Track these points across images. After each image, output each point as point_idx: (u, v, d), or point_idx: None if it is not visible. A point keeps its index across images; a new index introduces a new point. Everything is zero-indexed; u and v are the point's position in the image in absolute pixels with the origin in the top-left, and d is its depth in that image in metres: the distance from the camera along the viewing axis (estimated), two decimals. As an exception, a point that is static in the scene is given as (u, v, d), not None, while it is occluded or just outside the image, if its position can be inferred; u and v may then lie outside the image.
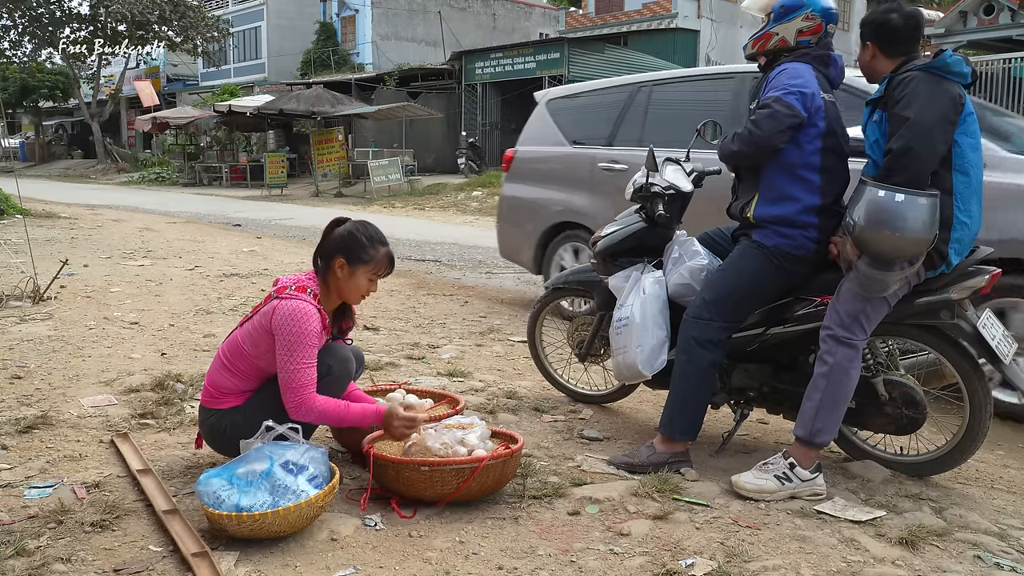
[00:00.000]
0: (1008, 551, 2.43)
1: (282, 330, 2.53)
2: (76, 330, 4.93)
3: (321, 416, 2.58)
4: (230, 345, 2.71)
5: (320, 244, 2.72)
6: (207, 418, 2.73)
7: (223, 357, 2.71)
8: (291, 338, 2.52)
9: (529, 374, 4.29)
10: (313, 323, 2.56)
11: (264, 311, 2.63)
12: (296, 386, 2.53)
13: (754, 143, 2.83)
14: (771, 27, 2.97)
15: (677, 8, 25.50)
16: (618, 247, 3.37)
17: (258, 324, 2.63)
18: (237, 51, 35.50)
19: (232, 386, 2.69)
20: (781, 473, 2.76)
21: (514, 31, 34.69)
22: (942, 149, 2.55)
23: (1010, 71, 14.82)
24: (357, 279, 2.67)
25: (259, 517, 2.25)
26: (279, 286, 2.66)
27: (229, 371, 2.68)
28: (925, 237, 2.47)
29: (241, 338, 2.67)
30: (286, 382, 2.54)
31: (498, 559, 2.31)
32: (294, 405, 2.55)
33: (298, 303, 2.56)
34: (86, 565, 2.19)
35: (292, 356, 2.53)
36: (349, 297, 2.73)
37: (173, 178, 27.34)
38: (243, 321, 2.73)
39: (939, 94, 2.55)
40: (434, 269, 8.42)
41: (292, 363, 2.53)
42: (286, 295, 2.60)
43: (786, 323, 3.00)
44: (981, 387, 2.79)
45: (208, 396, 2.72)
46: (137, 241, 9.87)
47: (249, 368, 2.67)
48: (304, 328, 2.53)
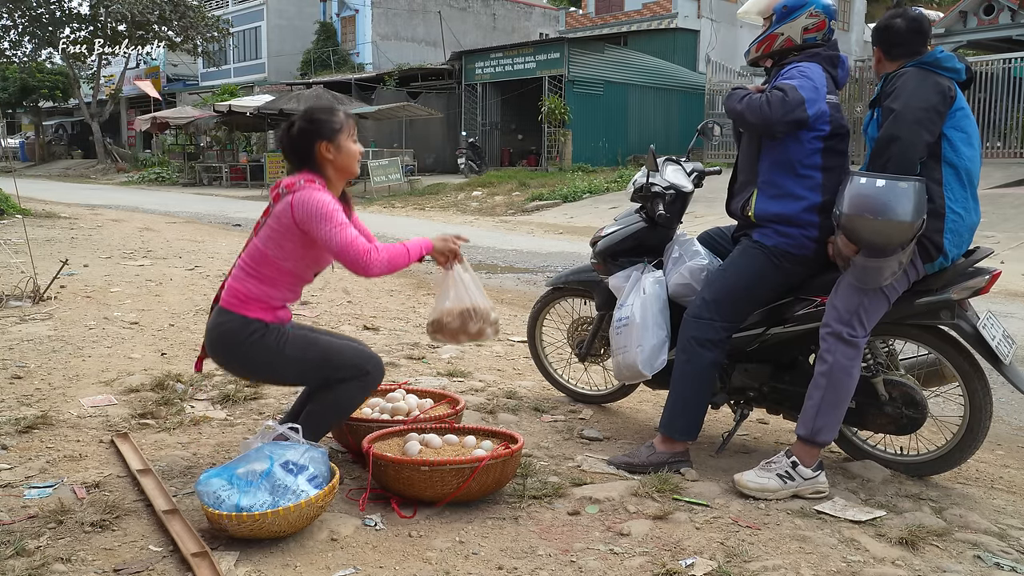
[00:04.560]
0: (1008, 551, 2.43)
1: (310, 216, 2.53)
2: (76, 330, 4.93)
3: (390, 262, 2.58)
4: (251, 254, 2.67)
5: (292, 152, 2.70)
6: (225, 320, 2.65)
7: (246, 266, 2.66)
8: (322, 216, 2.53)
9: (529, 374, 4.29)
10: (333, 201, 2.59)
11: (280, 211, 2.60)
12: (353, 249, 2.52)
13: (760, 117, 2.78)
14: (775, 28, 2.97)
15: (677, 8, 25.51)
16: (618, 247, 3.37)
17: (278, 225, 2.61)
18: (237, 51, 35.49)
19: (259, 292, 2.64)
20: (783, 472, 2.76)
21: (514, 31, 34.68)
22: (928, 139, 2.59)
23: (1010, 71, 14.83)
24: (345, 147, 2.69)
25: (259, 517, 2.25)
26: (287, 182, 2.63)
27: (254, 278, 2.65)
28: (908, 221, 2.49)
29: (261, 244, 2.64)
30: (342, 250, 2.53)
31: (498, 559, 2.31)
32: (363, 263, 2.53)
33: (311, 190, 2.57)
34: (86, 565, 2.19)
35: (331, 227, 2.52)
36: (350, 167, 2.73)
37: (173, 178, 27.33)
38: (256, 229, 2.69)
39: (927, 86, 2.61)
40: (434, 269, 8.39)
41: (336, 233, 2.52)
42: (298, 188, 2.59)
43: (786, 323, 3.00)
44: (981, 387, 2.79)
45: (232, 299, 2.66)
46: (137, 241, 9.87)
47: (275, 272, 2.64)
48: (328, 204, 2.55)
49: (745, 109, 2.82)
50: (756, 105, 2.79)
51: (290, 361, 2.66)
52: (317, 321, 5.49)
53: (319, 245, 2.58)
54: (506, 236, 11.80)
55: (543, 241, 11.23)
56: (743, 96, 2.87)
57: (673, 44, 24.95)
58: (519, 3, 35.95)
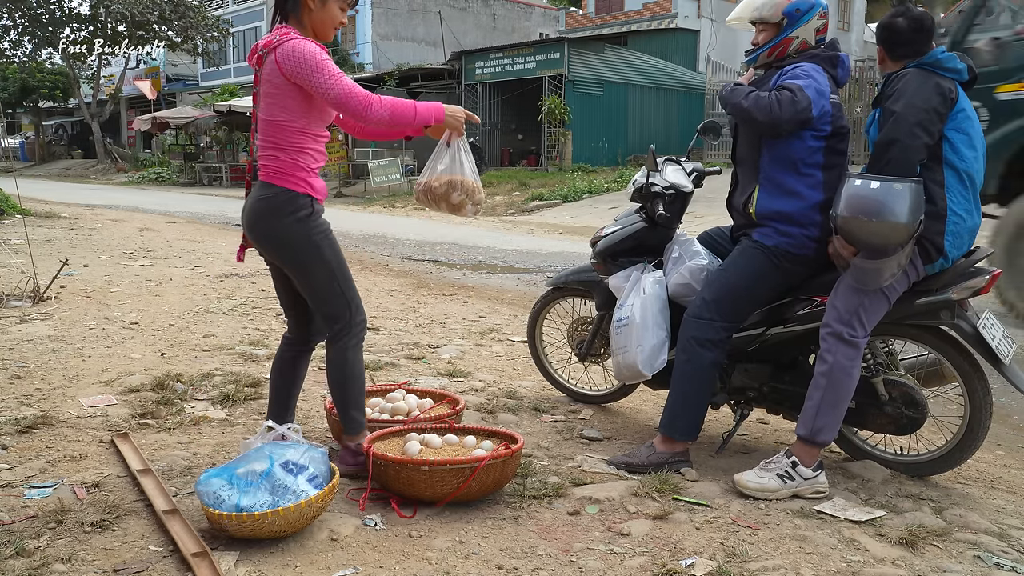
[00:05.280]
0: (1008, 551, 2.43)
1: (300, 67, 2.47)
2: (76, 330, 4.93)
3: (393, 113, 2.52)
4: (262, 129, 2.61)
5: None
6: (272, 193, 2.59)
7: (264, 143, 2.61)
8: (312, 67, 2.46)
9: (529, 374, 4.29)
10: (315, 45, 2.53)
11: (268, 73, 2.54)
12: (352, 98, 2.48)
13: (769, 116, 2.74)
14: (789, 32, 2.92)
15: (677, 8, 25.51)
16: (618, 247, 3.37)
17: (272, 88, 2.55)
18: (237, 51, 35.47)
19: (289, 161, 2.59)
20: (783, 472, 2.76)
21: (514, 31, 34.68)
22: (928, 141, 2.59)
23: (1010, 71, 14.79)
24: (330, 9, 2.62)
25: (259, 517, 2.25)
26: (264, 42, 2.58)
27: (277, 149, 2.59)
28: (904, 223, 2.48)
29: (266, 115, 2.59)
30: (341, 101, 2.48)
31: (498, 559, 2.31)
32: (361, 108, 2.48)
33: (292, 40, 2.51)
34: (86, 565, 2.19)
35: (326, 78, 2.46)
36: (324, 31, 2.65)
37: (173, 178, 27.33)
38: (255, 100, 2.64)
39: (927, 88, 2.60)
40: (434, 269, 8.41)
41: (333, 83, 2.47)
42: (276, 43, 2.52)
43: (786, 323, 3.00)
44: (981, 387, 2.79)
45: (270, 173, 2.61)
46: (137, 241, 9.87)
47: (291, 136, 2.58)
48: (316, 53, 2.49)
49: (753, 107, 2.78)
50: (765, 104, 2.75)
51: (324, 261, 2.64)
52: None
53: (316, 98, 2.53)
54: (506, 236, 11.80)
55: (543, 241, 11.23)
56: (748, 93, 2.83)
57: (673, 44, 24.94)
58: (519, 3, 35.94)
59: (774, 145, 2.90)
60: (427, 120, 2.64)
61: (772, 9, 2.92)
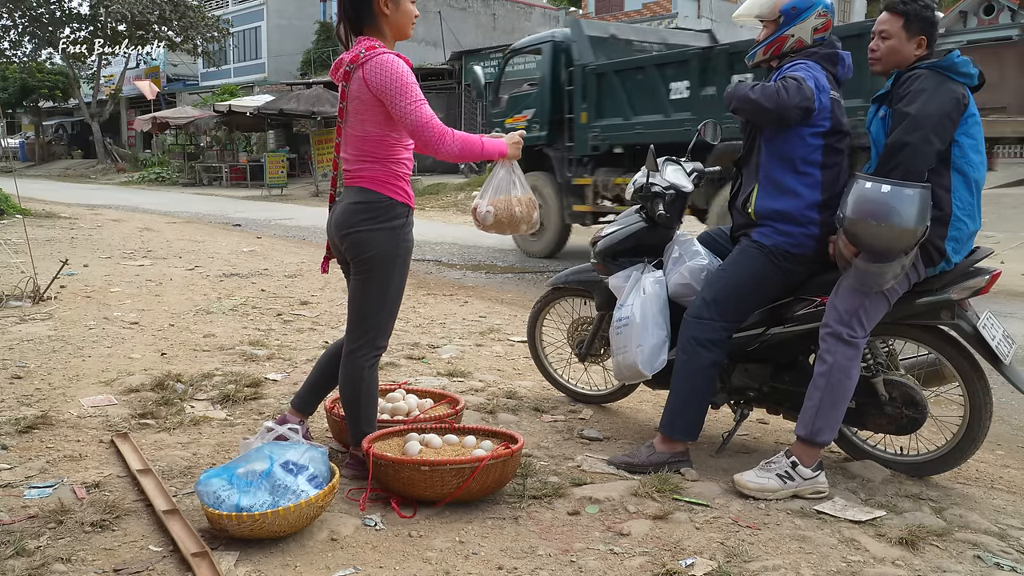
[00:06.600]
0: (1008, 551, 2.43)
1: (386, 86, 2.48)
2: (76, 330, 4.93)
3: (464, 145, 2.56)
4: (353, 145, 2.62)
5: (352, 8, 2.61)
6: (369, 198, 2.60)
7: (363, 158, 2.61)
8: (398, 89, 2.48)
9: (529, 374, 4.29)
10: (404, 64, 2.54)
11: (356, 90, 2.54)
12: (429, 129, 2.50)
13: (777, 102, 2.75)
14: (785, 30, 2.93)
15: (677, 8, 25.55)
16: (618, 247, 3.37)
17: (360, 104, 2.55)
18: (237, 51, 35.48)
19: (384, 171, 2.61)
20: (783, 472, 2.76)
21: (514, 31, 34.62)
22: (939, 146, 2.57)
23: (1010, 71, 14.81)
24: (404, 8, 2.63)
25: (259, 517, 2.25)
26: (350, 56, 2.57)
27: (378, 161, 2.60)
28: (912, 228, 2.47)
29: (357, 131, 2.60)
30: (415, 123, 2.49)
31: (498, 559, 2.31)
32: (435, 141, 2.51)
33: (380, 55, 2.51)
34: (86, 565, 2.19)
35: (408, 103, 2.48)
36: (404, 31, 2.67)
37: (173, 178, 27.34)
38: (341, 115, 2.63)
39: (942, 92, 2.58)
40: (434, 269, 8.41)
41: (413, 110, 2.48)
42: (364, 58, 2.52)
43: (786, 323, 3.00)
44: (981, 387, 2.79)
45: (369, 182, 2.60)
46: (137, 241, 9.87)
47: (390, 148, 2.59)
48: (405, 75, 2.50)
49: (760, 97, 2.78)
50: (772, 91, 2.76)
51: (388, 279, 2.64)
52: (317, 321, 5.50)
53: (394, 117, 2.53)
54: (506, 235, 11.79)
55: (543, 241, 11.21)
56: (753, 86, 2.84)
57: (673, 44, 24.92)
58: (519, 3, 35.93)
59: (773, 145, 2.90)
60: (493, 156, 2.70)
61: (770, 7, 2.95)
